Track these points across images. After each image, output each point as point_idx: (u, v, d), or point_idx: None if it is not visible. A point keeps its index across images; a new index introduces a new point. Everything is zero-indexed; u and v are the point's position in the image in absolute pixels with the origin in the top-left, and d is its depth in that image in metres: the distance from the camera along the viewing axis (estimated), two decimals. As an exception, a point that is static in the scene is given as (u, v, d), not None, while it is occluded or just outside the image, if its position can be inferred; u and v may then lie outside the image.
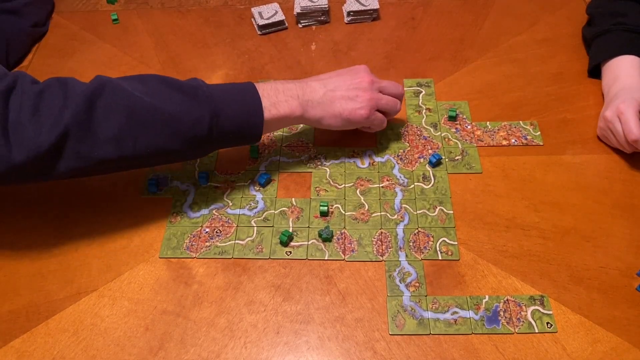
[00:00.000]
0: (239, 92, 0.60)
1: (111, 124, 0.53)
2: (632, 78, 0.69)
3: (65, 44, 0.89)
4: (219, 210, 0.66)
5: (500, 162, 0.70)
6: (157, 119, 0.55)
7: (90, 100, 0.53)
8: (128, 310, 0.59)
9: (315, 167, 0.70)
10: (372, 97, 0.65)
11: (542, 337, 0.55)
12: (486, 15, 0.89)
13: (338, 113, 0.64)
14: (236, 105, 0.59)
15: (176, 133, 0.56)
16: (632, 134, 0.63)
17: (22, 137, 0.51)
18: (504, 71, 0.81)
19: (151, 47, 0.88)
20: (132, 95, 0.54)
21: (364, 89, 0.64)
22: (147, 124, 0.55)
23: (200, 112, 0.56)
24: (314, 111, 0.63)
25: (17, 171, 0.52)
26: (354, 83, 0.65)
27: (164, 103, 0.55)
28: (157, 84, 0.57)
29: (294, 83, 0.63)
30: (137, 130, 0.54)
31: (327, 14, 0.90)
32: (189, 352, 0.55)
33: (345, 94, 0.64)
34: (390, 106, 0.67)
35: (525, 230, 0.63)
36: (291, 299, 0.59)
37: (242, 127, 0.59)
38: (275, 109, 0.61)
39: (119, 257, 0.63)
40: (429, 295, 0.58)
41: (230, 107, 0.58)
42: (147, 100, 0.55)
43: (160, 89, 0.56)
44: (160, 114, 0.55)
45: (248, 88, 0.61)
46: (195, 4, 0.95)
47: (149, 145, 0.55)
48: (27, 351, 0.56)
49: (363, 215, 0.65)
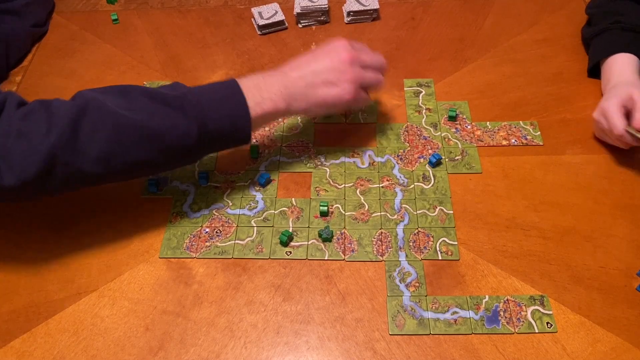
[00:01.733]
0: (224, 95, 0.58)
1: (98, 144, 0.53)
2: (624, 76, 0.70)
3: (65, 44, 0.89)
4: (219, 210, 0.66)
5: (500, 162, 0.70)
6: (144, 135, 0.54)
7: (74, 122, 0.52)
8: (128, 310, 0.59)
9: (315, 167, 0.70)
10: (354, 77, 0.62)
11: (542, 337, 0.55)
12: (486, 15, 0.89)
13: (322, 101, 0.62)
14: (223, 110, 0.58)
15: (165, 148, 0.56)
16: (616, 129, 0.64)
17: (11, 163, 0.51)
18: (504, 71, 0.81)
19: (151, 47, 0.88)
20: (116, 113, 0.54)
21: (344, 70, 0.62)
22: (134, 142, 0.54)
23: (188, 124, 0.56)
24: (298, 104, 0.62)
25: (8, 194, 0.53)
26: (333, 64, 0.62)
27: (150, 119, 0.54)
28: (140, 97, 0.56)
29: (275, 77, 0.61)
30: (125, 148, 0.54)
31: (327, 14, 0.90)
32: (189, 352, 0.55)
33: (326, 79, 0.61)
34: (373, 82, 0.65)
35: (525, 230, 0.63)
36: (291, 299, 0.59)
37: (230, 131, 0.59)
38: (260, 108, 0.59)
39: (119, 257, 0.63)
40: (429, 295, 0.58)
41: (217, 113, 0.57)
42: (132, 117, 0.54)
43: (145, 104, 0.55)
44: (147, 130, 0.54)
45: (232, 90, 0.59)
46: (195, 4, 0.95)
47: (137, 161, 0.55)
48: (27, 351, 0.56)
49: (363, 215, 0.65)
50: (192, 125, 0.56)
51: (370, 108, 0.77)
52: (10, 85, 0.82)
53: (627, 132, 0.63)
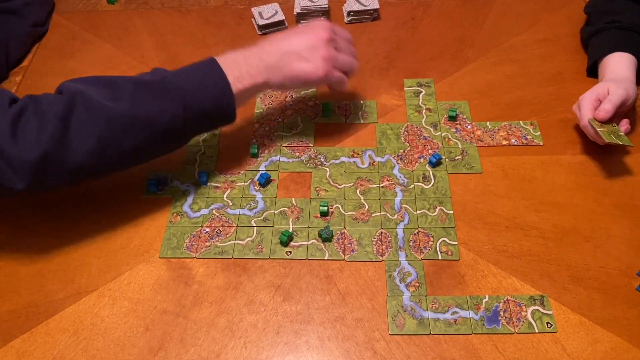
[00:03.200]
0: (204, 75, 0.59)
1: (89, 138, 0.54)
2: (616, 73, 0.70)
3: (65, 44, 0.89)
4: (219, 210, 0.66)
5: (500, 162, 0.70)
6: (133, 124, 0.56)
7: (64, 119, 0.53)
8: (128, 310, 0.59)
9: (315, 167, 0.70)
10: (328, 55, 0.63)
11: (542, 337, 0.55)
12: (486, 15, 0.89)
13: (295, 75, 0.63)
14: (205, 90, 0.59)
15: (153, 133, 0.57)
16: (582, 120, 0.66)
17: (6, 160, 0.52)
18: (504, 71, 0.81)
19: (151, 47, 0.88)
20: (104, 105, 0.55)
21: (319, 47, 0.63)
22: (124, 131, 0.55)
23: (174, 107, 0.57)
24: (275, 77, 0.63)
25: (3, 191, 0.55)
26: (309, 41, 0.63)
27: (137, 107, 0.56)
28: (125, 86, 0.57)
29: (251, 51, 0.63)
30: (115, 139, 0.55)
31: (327, 14, 0.90)
32: (189, 352, 0.55)
33: (300, 54, 0.63)
34: (347, 64, 0.66)
35: (525, 230, 0.63)
36: (291, 299, 0.59)
37: (215, 109, 0.60)
38: (240, 83, 0.60)
39: (119, 257, 0.63)
40: (429, 295, 0.58)
41: (200, 93, 0.58)
42: (120, 107, 0.55)
43: (130, 92, 0.56)
44: (135, 119, 0.56)
45: (212, 68, 0.60)
46: (195, 4, 0.95)
47: (128, 151, 0.57)
48: (27, 351, 0.56)
49: (363, 215, 0.65)
50: (177, 108, 0.57)
51: (370, 108, 0.77)
52: (10, 85, 0.82)
53: (590, 124, 0.64)
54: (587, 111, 0.66)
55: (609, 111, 0.64)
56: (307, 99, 0.79)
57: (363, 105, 0.77)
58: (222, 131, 0.75)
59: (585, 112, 0.66)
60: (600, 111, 0.64)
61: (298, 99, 0.79)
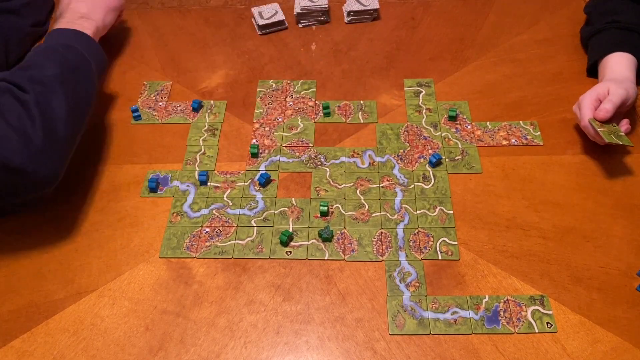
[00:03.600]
0: (69, 37, 0.71)
1: (59, 107, 0.59)
2: (615, 73, 0.70)
3: (65, 44, 0.89)
4: (219, 210, 0.66)
5: (500, 162, 0.70)
6: (82, 73, 0.66)
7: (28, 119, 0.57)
8: (128, 310, 0.59)
9: (315, 167, 0.70)
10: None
11: (542, 337, 0.55)
12: (486, 15, 0.90)
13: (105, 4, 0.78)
14: (80, 42, 0.71)
15: (90, 74, 0.67)
16: (582, 121, 0.66)
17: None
18: (504, 71, 0.81)
19: (151, 47, 0.88)
20: (49, 77, 0.61)
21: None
22: (77, 78, 0.64)
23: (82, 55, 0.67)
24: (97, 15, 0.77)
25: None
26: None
27: (63, 63, 0.64)
28: (46, 63, 0.63)
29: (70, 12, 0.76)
30: (74, 85, 0.63)
31: (327, 14, 0.90)
32: (189, 352, 0.55)
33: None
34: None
35: (525, 230, 0.63)
36: (291, 299, 0.59)
37: (93, 50, 0.72)
38: (89, 31, 0.73)
39: (119, 257, 0.63)
40: (429, 295, 0.58)
41: (80, 45, 0.69)
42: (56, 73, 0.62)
43: (52, 60, 0.64)
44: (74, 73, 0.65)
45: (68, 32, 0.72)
46: (195, 4, 0.95)
47: (86, 95, 0.65)
48: (27, 351, 0.56)
49: (363, 215, 0.65)
50: (84, 55, 0.67)
51: (370, 108, 0.77)
52: (10, 85, 0.82)
53: (590, 124, 0.64)
54: (587, 111, 0.66)
55: (609, 111, 0.64)
56: (307, 99, 0.79)
57: (363, 105, 0.77)
58: (222, 131, 0.75)
59: (586, 112, 0.66)
60: (601, 111, 0.64)
61: (298, 99, 0.79)
